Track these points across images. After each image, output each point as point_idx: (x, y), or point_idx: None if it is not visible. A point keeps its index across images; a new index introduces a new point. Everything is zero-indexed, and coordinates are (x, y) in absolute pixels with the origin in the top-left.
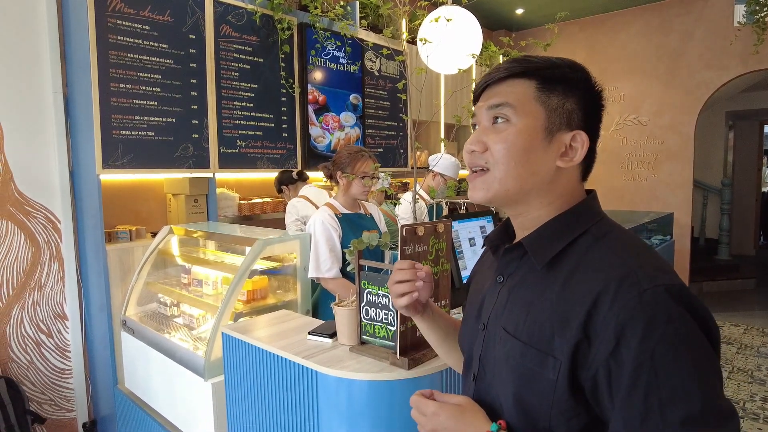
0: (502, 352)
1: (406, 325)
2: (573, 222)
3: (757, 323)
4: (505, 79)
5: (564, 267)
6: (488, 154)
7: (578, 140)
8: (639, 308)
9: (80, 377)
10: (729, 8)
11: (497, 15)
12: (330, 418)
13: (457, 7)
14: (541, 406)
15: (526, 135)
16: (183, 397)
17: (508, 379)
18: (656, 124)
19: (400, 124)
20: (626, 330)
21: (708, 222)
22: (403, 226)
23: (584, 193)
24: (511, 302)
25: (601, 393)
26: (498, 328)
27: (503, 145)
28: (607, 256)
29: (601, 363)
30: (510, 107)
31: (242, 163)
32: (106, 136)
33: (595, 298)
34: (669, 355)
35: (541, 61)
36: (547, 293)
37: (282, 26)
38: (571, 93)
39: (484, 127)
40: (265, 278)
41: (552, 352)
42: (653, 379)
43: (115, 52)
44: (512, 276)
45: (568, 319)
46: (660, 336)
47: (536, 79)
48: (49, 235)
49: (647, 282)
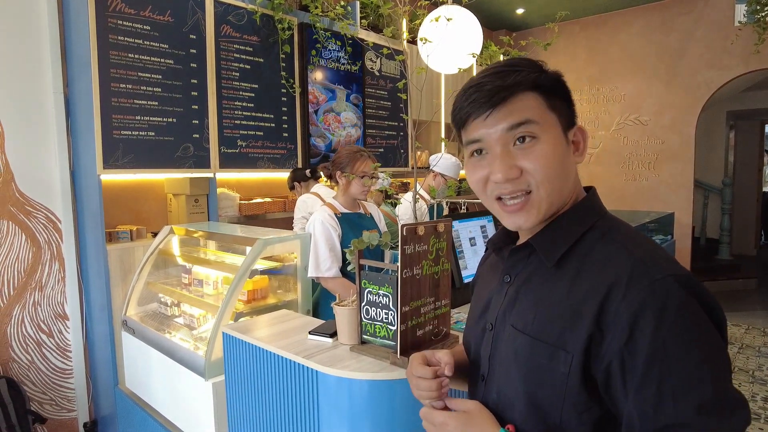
0: (511, 349)
1: (406, 324)
2: (579, 219)
3: (759, 323)
4: (507, 99)
5: (572, 263)
6: (527, 176)
7: (579, 134)
8: (651, 298)
9: (81, 377)
10: (730, 8)
11: (498, 15)
12: (330, 417)
13: (458, 6)
14: (553, 401)
15: (557, 147)
16: (184, 397)
17: (518, 376)
18: (657, 123)
19: (400, 124)
20: (639, 320)
21: (709, 222)
22: (404, 225)
23: (582, 188)
24: (519, 300)
25: (614, 383)
26: (506, 326)
27: (542, 162)
28: (614, 250)
29: (615, 354)
30: (534, 123)
31: (243, 163)
32: (107, 136)
33: (607, 290)
34: (681, 343)
35: (530, 70)
36: (556, 289)
37: (282, 26)
38: (561, 92)
39: (504, 151)
40: (265, 278)
41: (563, 345)
42: (666, 367)
43: (116, 52)
44: (519, 275)
45: (579, 312)
46: (671, 325)
47: (538, 89)
48: (50, 235)
49: (657, 272)
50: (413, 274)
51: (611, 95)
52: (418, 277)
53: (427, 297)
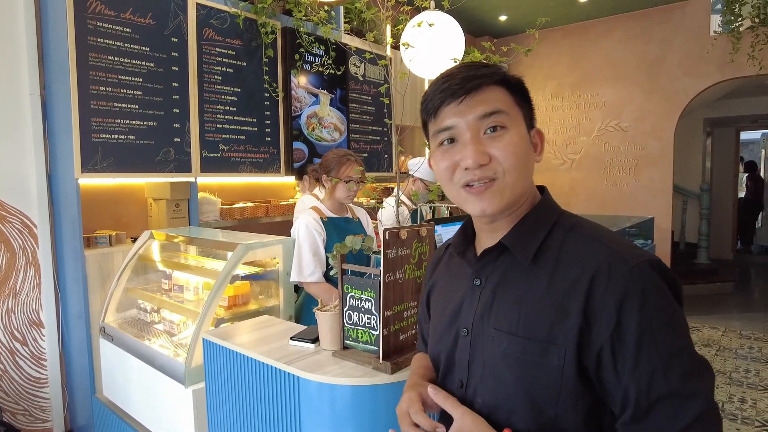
0: (498, 351)
1: (389, 329)
2: (544, 216)
3: (735, 326)
4: (480, 87)
5: (546, 260)
6: (495, 163)
7: (537, 136)
8: (632, 283)
9: (56, 386)
10: (706, 18)
11: (481, 22)
12: (312, 424)
13: (440, 12)
14: (549, 395)
15: (524, 138)
16: (163, 405)
17: (511, 377)
18: (637, 129)
19: (384, 129)
20: (624, 305)
21: (688, 226)
22: (386, 229)
23: (536, 188)
24: (497, 302)
25: (605, 368)
26: (488, 329)
27: (510, 151)
28: (586, 243)
29: (605, 340)
30: (504, 114)
31: (224, 167)
32: (86, 139)
33: (589, 282)
34: (662, 323)
35: (497, 68)
36: (535, 286)
37: (266, 30)
38: (524, 94)
39: (475, 137)
40: (246, 283)
41: (553, 340)
42: (654, 346)
43: (95, 54)
44: (491, 277)
45: (565, 306)
46: (653, 306)
47: (505, 85)
48: (25, 241)
49: (633, 259)
50: (396, 278)
51: (592, 101)
52: (400, 282)
53: (410, 301)
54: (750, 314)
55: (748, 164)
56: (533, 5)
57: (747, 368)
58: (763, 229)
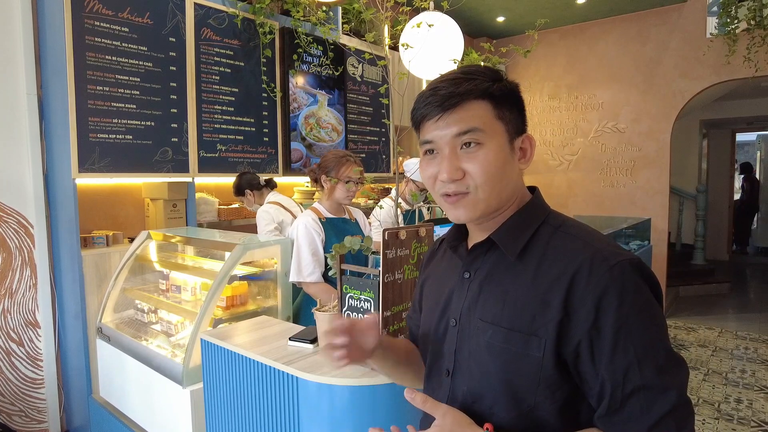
0: (482, 341)
1: (387, 329)
2: (532, 215)
3: (731, 326)
4: (457, 105)
5: (532, 256)
6: (468, 178)
7: (527, 142)
8: (611, 281)
9: (53, 387)
10: (702, 20)
11: (479, 23)
12: (311, 424)
13: (439, 13)
14: (528, 385)
15: (499, 153)
16: (161, 406)
17: (493, 366)
18: (634, 131)
19: (382, 130)
20: (603, 301)
21: (684, 228)
22: (386, 230)
23: (527, 189)
24: (483, 294)
25: (583, 360)
26: (474, 320)
27: (483, 167)
28: (571, 242)
29: (583, 334)
30: (480, 131)
31: (222, 167)
32: (83, 139)
33: (570, 278)
34: (639, 319)
35: (484, 79)
36: (519, 280)
37: (264, 30)
38: (513, 101)
39: (452, 153)
40: (244, 284)
41: (535, 332)
42: (630, 340)
43: (93, 54)
44: (479, 271)
45: (547, 300)
46: (631, 303)
47: (488, 98)
48: (21, 241)
49: (613, 258)
50: (395, 278)
51: (589, 103)
52: (399, 282)
53: (409, 302)
54: (746, 315)
55: (743, 166)
56: (530, 7)
57: (743, 369)
58: (758, 231)
